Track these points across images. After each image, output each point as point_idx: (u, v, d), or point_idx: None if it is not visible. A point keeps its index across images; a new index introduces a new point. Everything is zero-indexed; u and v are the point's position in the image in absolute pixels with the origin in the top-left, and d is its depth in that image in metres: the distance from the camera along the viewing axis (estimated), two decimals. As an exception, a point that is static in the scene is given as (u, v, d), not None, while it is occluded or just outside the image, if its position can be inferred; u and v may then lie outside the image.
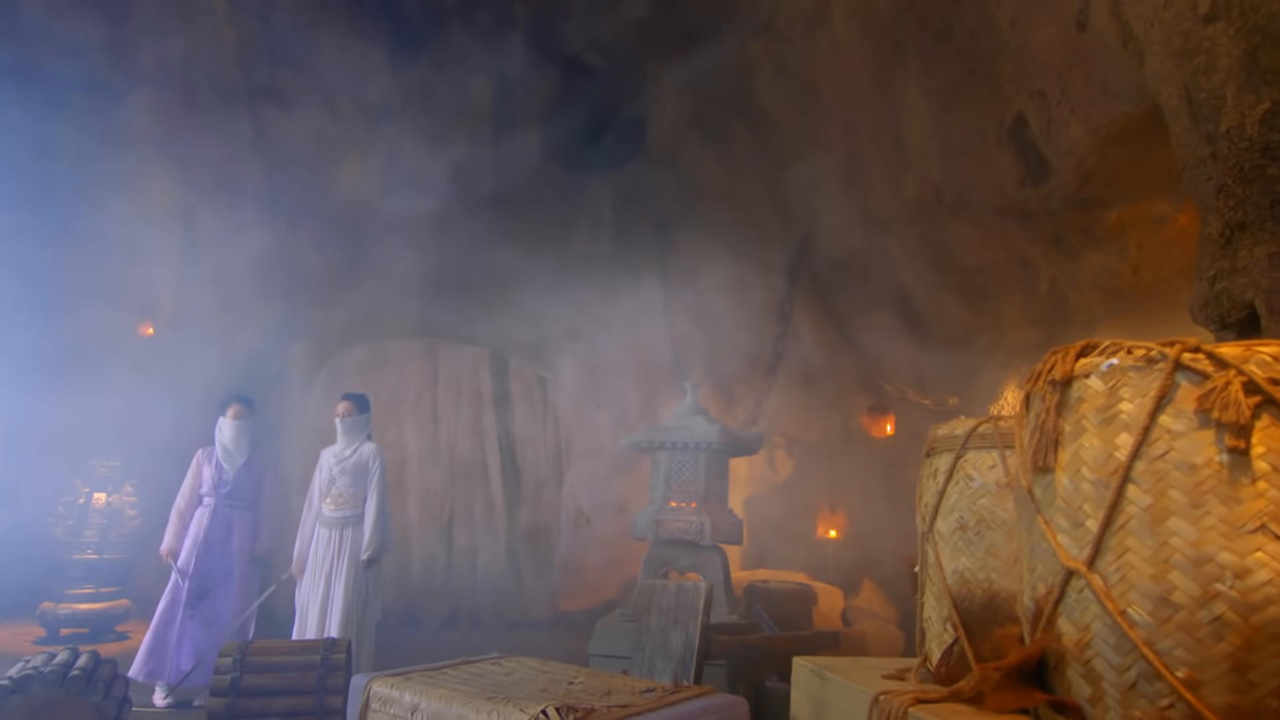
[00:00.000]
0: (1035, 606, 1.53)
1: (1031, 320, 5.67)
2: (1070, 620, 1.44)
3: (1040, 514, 1.53)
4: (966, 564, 2.04)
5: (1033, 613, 1.55)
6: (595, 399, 8.66)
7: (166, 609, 4.55)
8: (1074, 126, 4.13)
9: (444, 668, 3.00)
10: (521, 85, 9.48)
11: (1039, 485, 1.56)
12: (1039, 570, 1.54)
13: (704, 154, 8.19)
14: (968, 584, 2.03)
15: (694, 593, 3.07)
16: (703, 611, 3.00)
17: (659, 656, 3.07)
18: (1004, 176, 4.78)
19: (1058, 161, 4.34)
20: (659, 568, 4.52)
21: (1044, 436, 1.53)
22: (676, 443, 4.51)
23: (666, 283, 8.49)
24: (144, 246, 8.19)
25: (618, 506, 8.68)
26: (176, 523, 4.77)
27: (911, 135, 5.59)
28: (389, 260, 8.78)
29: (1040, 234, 4.98)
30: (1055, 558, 1.48)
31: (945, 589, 2.08)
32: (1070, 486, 1.47)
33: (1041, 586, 1.52)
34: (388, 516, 4.84)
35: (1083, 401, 1.50)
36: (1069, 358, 1.56)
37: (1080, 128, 4.09)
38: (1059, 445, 1.51)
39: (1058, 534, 1.49)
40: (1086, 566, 1.42)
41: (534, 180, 9.29)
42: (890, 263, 6.65)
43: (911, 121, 5.55)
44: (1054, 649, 1.48)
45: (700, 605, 3.02)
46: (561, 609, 8.33)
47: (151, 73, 8.47)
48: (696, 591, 3.07)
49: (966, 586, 2.03)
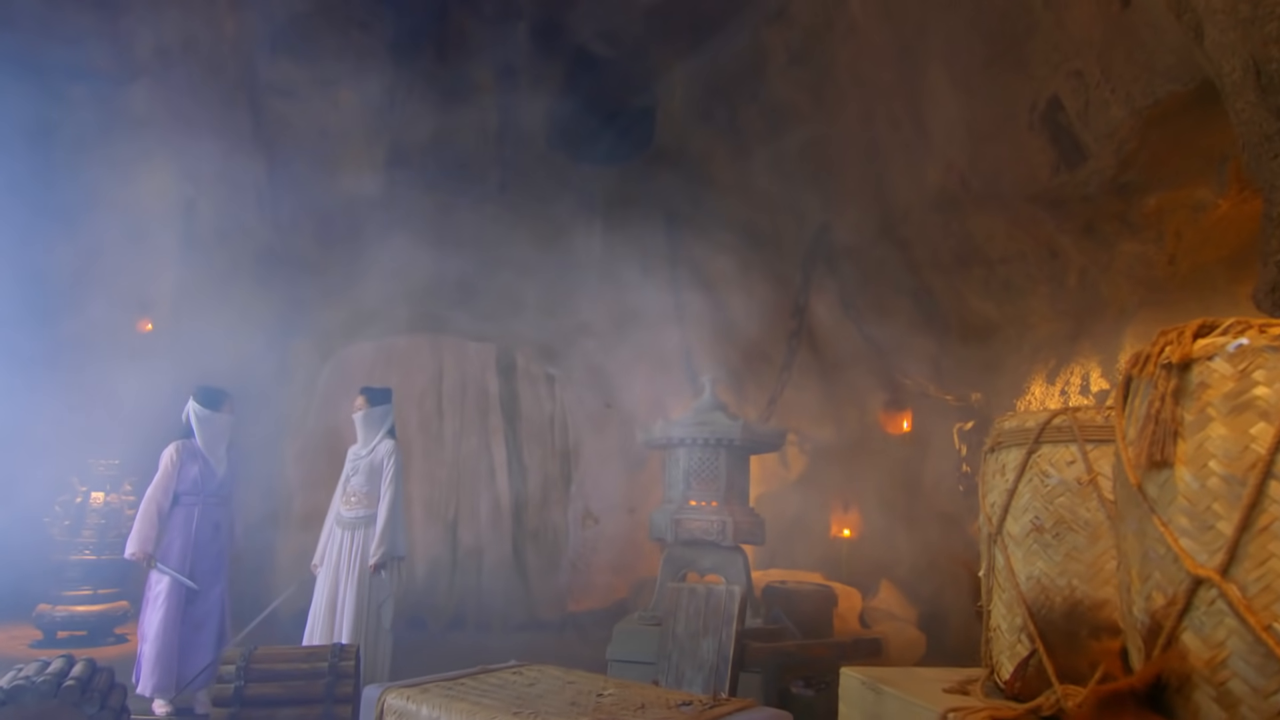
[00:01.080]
0: (1151, 620, 1.35)
1: (1059, 313, 5.49)
2: (1199, 636, 1.27)
3: (1156, 515, 1.35)
4: (1043, 569, 1.87)
5: (1147, 627, 1.37)
6: (604, 397, 8.49)
7: (168, 615, 4.33)
8: (1114, 108, 3.95)
9: (461, 677, 2.82)
10: (527, 76, 9.29)
11: (1153, 483, 1.37)
12: (1155, 579, 1.36)
13: (715, 145, 8.01)
14: (1045, 591, 1.85)
15: (727, 598, 2.89)
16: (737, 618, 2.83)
17: (688, 664, 2.90)
18: (1036, 162, 4.60)
19: (1095, 145, 4.16)
20: (678, 569, 4.35)
21: (1159, 427, 1.35)
22: (697, 439, 4.32)
23: (676, 278, 8.31)
24: (142, 240, 8.01)
25: (626, 506, 8.51)
26: (155, 522, 4.43)
27: (936, 122, 5.41)
28: (392, 254, 8.59)
29: (1072, 222, 4.80)
30: (1178, 564, 1.30)
31: (1018, 596, 1.90)
32: (1195, 483, 1.29)
33: (1159, 597, 1.34)
34: (399, 519, 4.64)
35: (1206, 387, 1.32)
36: (1185, 338, 1.38)
37: (1121, 109, 3.91)
38: (1178, 436, 1.33)
39: (1180, 537, 1.31)
40: (1220, 575, 1.24)
41: (540, 173, 9.11)
42: (909, 254, 6.47)
43: (936, 107, 5.37)
44: (1177, 668, 1.30)
45: (734, 611, 2.84)
46: (569, 610, 8.15)
47: (150, 63, 8.29)
48: (730, 597, 2.89)
49: (1044, 594, 1.85)
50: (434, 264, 8.56)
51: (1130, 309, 5.00)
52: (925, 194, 5.87)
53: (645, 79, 8.83)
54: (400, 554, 4.70)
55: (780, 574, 7.05)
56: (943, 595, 6.60)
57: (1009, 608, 1.94)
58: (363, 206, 8.73)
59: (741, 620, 2.85)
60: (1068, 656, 1.79)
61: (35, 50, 7.87)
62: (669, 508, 4.47)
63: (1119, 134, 3.99)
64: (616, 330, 8.52)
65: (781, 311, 7.76)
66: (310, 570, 4.79)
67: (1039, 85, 4.42)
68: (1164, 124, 3.90)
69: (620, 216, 8.83)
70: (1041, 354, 5.55)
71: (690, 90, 8.10)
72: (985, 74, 4.80)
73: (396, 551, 4.63)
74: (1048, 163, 4.51)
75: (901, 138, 6.02)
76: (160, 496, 4.50)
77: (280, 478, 8.13)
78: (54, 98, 7.99)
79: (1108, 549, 1.77)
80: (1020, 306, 5.68)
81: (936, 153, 5.46)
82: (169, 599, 4.36)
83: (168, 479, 4.54)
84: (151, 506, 4.47)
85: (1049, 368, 5.45)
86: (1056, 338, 5.51)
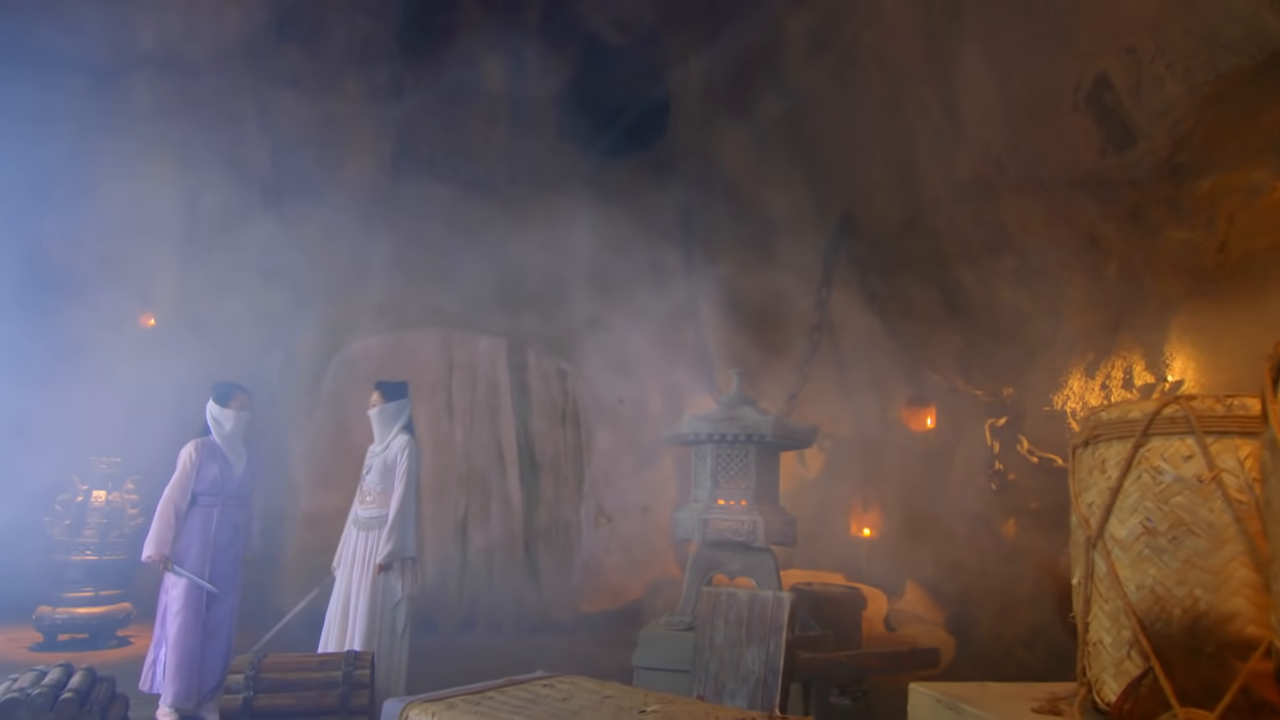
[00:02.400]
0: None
1: (1096, 304, 5.27)
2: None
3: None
4: (1157, 577, 1.66)
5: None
6: (617, 392, 8.28)
7: (186, 621, 4.10)
8: (1170, 84, 3.73)
9: (489, 690, 2.61)
10: (537, 64, 9.08)
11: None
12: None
13: (732, 134, 7.80)
14: (1160, 602, 1.64)
15: (775, 605, 2.68)
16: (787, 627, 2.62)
17: (729, 675, 2.70)
18: (1081, 145, 4.39)
19: (1147, 125, 3.95)
20: (706, 571, 4.14)
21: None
22: (726, 435, 4.11)
23: (691, 271, 8.09)
24: (144, 233, 7.83)
25: (640, 505, 8.31)
26: (173, 523, 4.22)
27: (969, 105, 5.19)
28: (399, 247, 8.40)
29: (1117, 208, 4.59)
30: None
31: (1127, 608, 1.69)
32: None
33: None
34: (410, 516, 4.42)
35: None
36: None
37: (1178, 85, 3.69)
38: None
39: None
40: None
41: (551, 164, 8.90)
42: (937, 245, 6.26)
43: (969, 90, 5.16)
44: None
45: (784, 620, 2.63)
46: (581, 611, 7.96)
47: (152, 51, 8.10)
48: (779, 604, 2.68)
49: (1159, 605, 1.64)
50: (442, 257, 8.36)
51: (1174, 300, 4.79)
52: (956, 181, 5.66)
53: (659, 67, 8.61)
54: (408, 554, 4.45)
55: (801, 575, 6.84)
56: (970, 596, 6.39)
57: (1114, 620, 1.74)
58: (369, 198, 8.53)
59: (792, 630, 2.65)
60: (1188, 676, 1.59)
61: (34, 39, 7.68)
62: (696, 507, 4.26)
63: (1174, 112, 3.78)
64: (630, 324, 8.32)
65: (800, 305, 7.54)
66: (331, 572, 4.60)
67: (1085, 64, 4.21)
68: (1223, 101, 3.69)
69: (633, 208, 8.62)
70: (1078, 347, 5.34)
71: (706, 78, 7.89)
72: (1026, 54, 4.58)
73: (405, 551, 4.39)
74: (1093, 145, 4.30)
75: (930, 123, 5.80)
76: (178, 497, 4.30)
77: (286, 476, 7.95)
78: (53, 88, 7.81)
79: (1237, 555, 1.56)
80: (1055, 298, 5.47)
81: (970, 138, 5.24)
82: (187, 604, 4.14)
83: (186, 478, 4.33)
84: (169, 507, 4.27)
85: (1087, 361, 5.23)
86: (1094, 330, 5.29)
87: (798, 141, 7.21)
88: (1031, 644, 5.43)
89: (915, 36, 5.63)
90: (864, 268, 6.87)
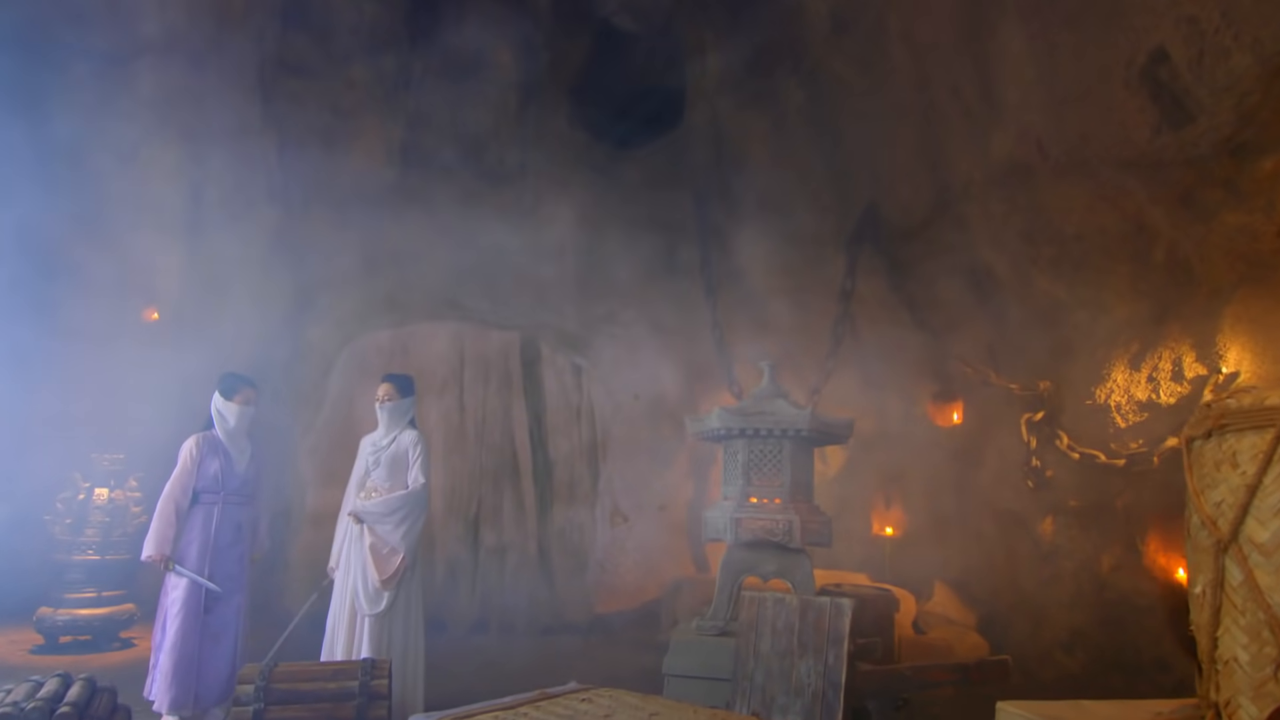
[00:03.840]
0: None
1: (1140, 293, 5.05)
2: None
3: None
4: (1310, 587, 1.45)
5: None
6: (632, 388, 8.06)
7: (185, 624, 3.91)
8: (1237, 56, 3.51)
9: (521, 705, 2.40)
10: (549, 52, 8.86)
11: None
12: None
13: (750, 121, 7.57)
14: (1315, 616, 1.43)
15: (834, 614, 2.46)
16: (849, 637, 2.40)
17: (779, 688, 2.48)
18: (1133, 123, 4.16)
19: (1210, 100, 3.72)
20: (738, 573, 3.92)
21: None
22: (759, 429, 3.89)
23: (708, 262, 7.87)
24: (147, 224, 7.64)
25: (656, 503, 8.09)
26: (174, 521, 4.04)
27: (1008, 85, 4.96)
28: (408, 239, 8.18)
29: (1168, 191, 4.36)
30: None
31: (1271, 621, 1.48)
32: None
33: None
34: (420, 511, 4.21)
35: None
36: None
37: (1246, 57, 3.46)
38: None
39: None
40: None
41: (563, 154, 8.68)
42: (967, 233, 6.03)
43: (1008, 69, 4.92)
44: None
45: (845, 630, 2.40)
46: (596, 612, 7.75)
47: (155, 39, 7.89)
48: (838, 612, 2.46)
49: (1313, 619, 1.43)
50: (453, 248, 8.15)
51: (1226, 288, 4.56)
52: (990, 166, 5.43)
53: (674, 54, 8.39)
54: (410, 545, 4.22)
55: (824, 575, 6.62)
56: (1000, 597, 6.17)
57: (1253, 635, 1.52)
58: (377, 188, 8.32)
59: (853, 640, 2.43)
60: (1351, 702, 1.37)
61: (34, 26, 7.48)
62: (726, 505, 4.04)
63: (1241, 85, 3.55)
64: (645, 318, 8.11)
65: (822, 296, 7.32)
66: (328, 575, 4.38)
67: (1140, 37, 3.98)
68: (1294, 73, 3.46)
69: (648, 199, 8.41)
70: (1121, 338, 5.11)
71: (724, 64, 7.65)
72: (1072, 29, 4.35)
73: (413, 535, 4.18)
74: (1148, 123, 4.07)
75: (962, 106, 5.57)
76: (179, 494, 4.10)
77: (293, 472, 7.75)
78: (54, 76, 7.61)
79: None
80: (1096, 287, 5.23)
81: (1008, 120, 5.01)
82: (186, 605, 3.94)
83: (186, 475, 4.13)
84: (169, 505, 4.07)
85: (1131, 353, 5.01)
86: (1138, 320, 5.07)
87: (820, 128, 6.98)
88: (1071, 648, 5.21)
89: (947, 15, 5.40)
90: (889, 258, 6.65)
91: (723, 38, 7.63)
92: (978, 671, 2.78)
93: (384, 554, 4.07)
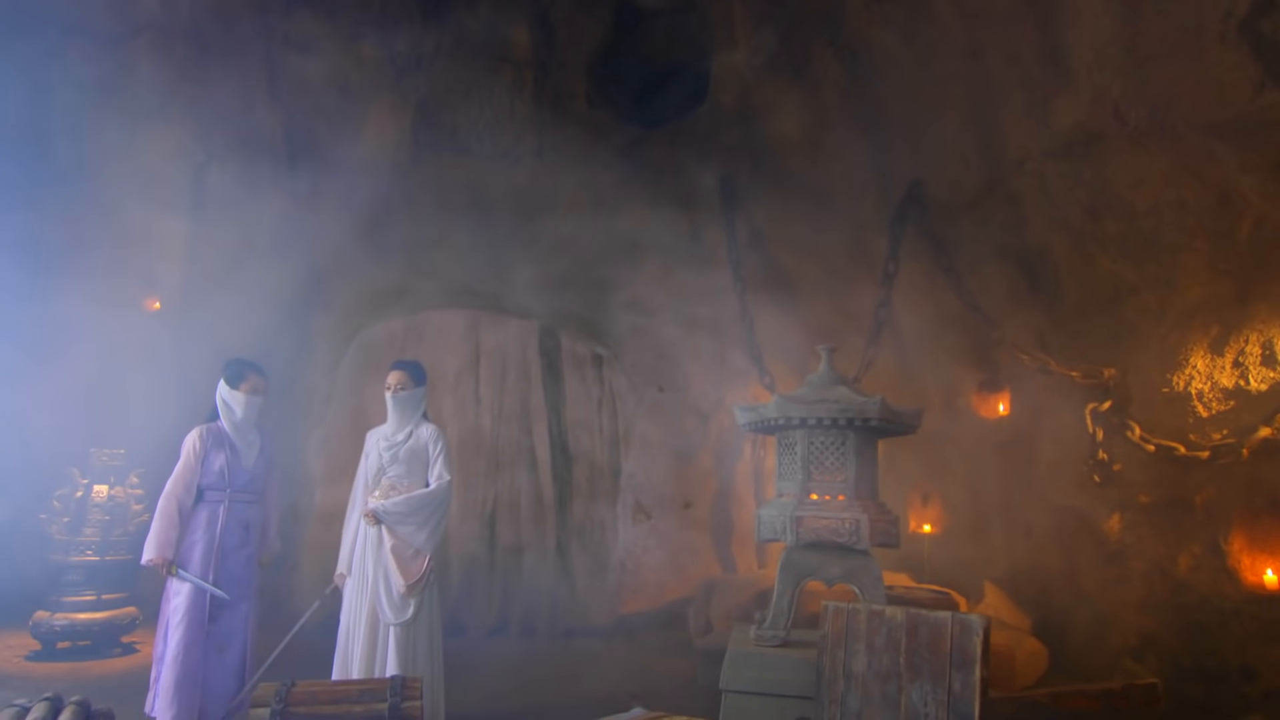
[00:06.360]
0: None
1: (1219, 272, 4.67)
2: None
3: None
4: None
5: None
6: (657, 379, 7.70)
7: (189, 633, 3.56)
8: (1361, -1, 3.12)
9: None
10: (566, 29, 8.49)
11: None
12: None
13: (782, 98, 7.18)
14: None
15: (959, 631, 2.07)
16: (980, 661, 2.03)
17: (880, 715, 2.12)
18: (1229, 81, 3.78)
19: (1327, 49, 3.34)
20: (799, 577, 3.56)
21: None
22: (822, 419, 3.52)
23: (736, 248, 7.49)
24: (148, 208, 7.33)
25: (680, 499, 7.74)
26: (176, 521, 3.72)
27: (1079, 46, 4.58)
28: (421, 223, 7.84)
29: (1263, 157, 3.98)
30: None
31: None
32: None
33: None
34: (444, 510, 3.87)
35: None
36: None
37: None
38: None
39: None
40: None
41: (582, 135, 8.30)
42: (1021, 211, 5.65)
43: (1079, 28, 4.54)
44: None
45: (975, 652, 2.03)
46: (619, 613, 7.40)
47: (156, 15, 7.57)
48: (965, 630, 2.07)
49: None
50: (467, 234, 7.80)
51: (1321, 264, 4.19)
52: (1052, 137, 5.04)
53: (699, 29, 8.00)
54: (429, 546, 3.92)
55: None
56: (1055, 598, 5.80)
57: None
58: (388, 171, 7.97)
59: (986, 665, 2.06)
60: None
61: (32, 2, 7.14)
62: (784, 503, 3.67)
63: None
64: (670, 307, 7.74)
65: (858, 282, 6.94)
66: (335, 583, 4.02)
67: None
68: None
69: (671, 182, 8.03)
70: (1198, 320, 4.73)
71: (753, 38, 7.27)
72: (1155, -21, 3.97)
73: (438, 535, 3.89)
74: (1248, 80, 3.69)
75: (1021, 72, 5.19)
76: (181, 491, 3.75)
77: (301, 468, 7.42)
78: (50, 54, 7.30)
79: None
80: (1168, 266, 4.85)
81: (1080, 85, 4.63)
82: (189, 614, 3.60)
83: (190, 470, 3.79)
84: (171, 504, 3.72)
85: (1211, 336, 4.63)
86: (1216, 301, 4.68)
87: (858, 103, 6.59)
88: (1142, 654, 4.85)
89: (1004, -26, 5.02)
90: (933, 239, 6.26)
91: (751, 8, 7.25)
92: (1124, 698, 2.42)
93: (408, 557, 3.73)
